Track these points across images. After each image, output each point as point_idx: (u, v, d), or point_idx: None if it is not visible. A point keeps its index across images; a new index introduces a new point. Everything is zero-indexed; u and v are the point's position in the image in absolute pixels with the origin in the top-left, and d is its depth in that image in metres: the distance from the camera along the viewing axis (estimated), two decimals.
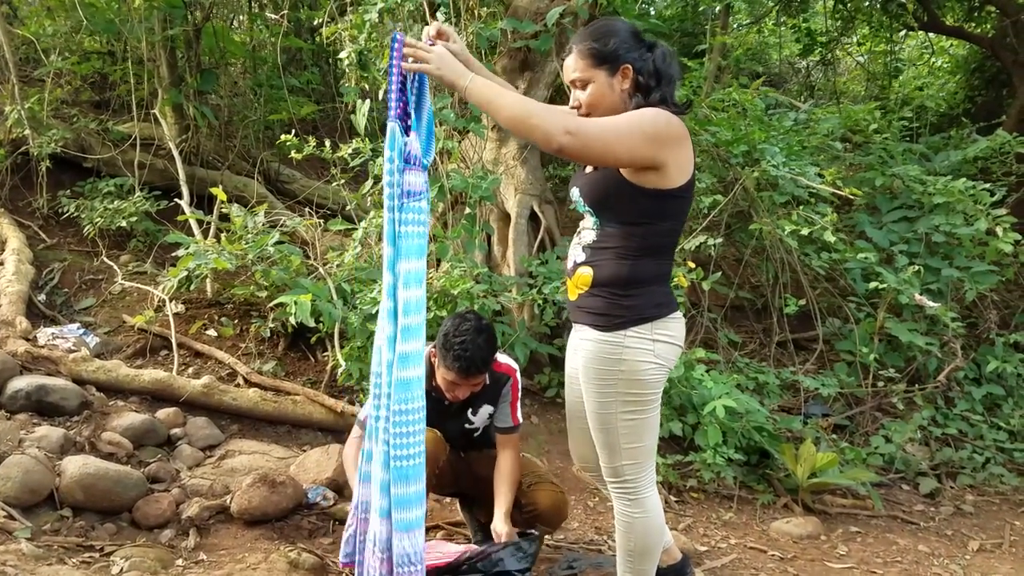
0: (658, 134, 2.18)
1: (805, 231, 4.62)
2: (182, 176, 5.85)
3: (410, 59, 2.20)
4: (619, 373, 2.35)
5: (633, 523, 2.51)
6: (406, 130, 2.27)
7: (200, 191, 6.06)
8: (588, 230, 2.43)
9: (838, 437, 4.67)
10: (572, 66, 2.34)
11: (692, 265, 4.41)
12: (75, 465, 3.33)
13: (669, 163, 2.22)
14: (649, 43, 2.35)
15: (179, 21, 6.12)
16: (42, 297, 5.05)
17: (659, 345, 2.35)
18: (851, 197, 4.81)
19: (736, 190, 4.99)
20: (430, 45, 2.23)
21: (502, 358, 2.99)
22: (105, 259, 5.57)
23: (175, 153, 5.97)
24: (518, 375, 3.02)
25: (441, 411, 2.94)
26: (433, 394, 2.84)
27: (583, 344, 2.43)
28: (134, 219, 5.59)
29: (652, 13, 9.25)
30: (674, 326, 2.41)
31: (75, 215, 5.70)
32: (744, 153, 5.08)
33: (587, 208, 2.41)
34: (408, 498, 2.32)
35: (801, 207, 4.89)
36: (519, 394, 3.03)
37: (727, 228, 5.50)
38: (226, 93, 6.93)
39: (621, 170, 2.26)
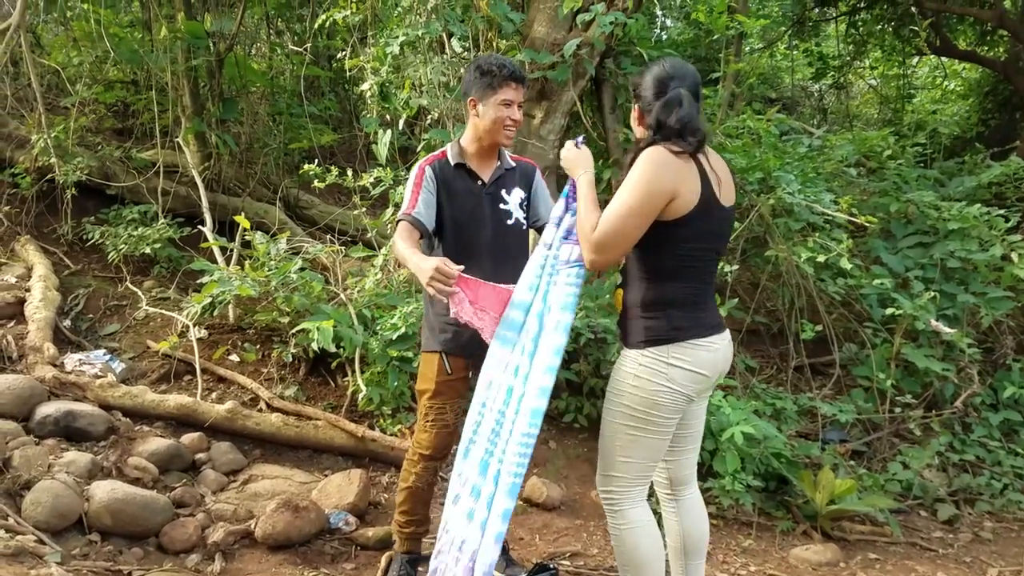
0: (653, 184, 2.32)
1: (821, 258, 4.65)
2: (205, 203, 5.95)
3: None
4: (631, 388, 2.46)
5: (620, 535, 2.58)
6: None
7: (222, 218, 6.16)
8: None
9: (856, 463, 4.67)
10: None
11: None
12: (103, 490, 3.39)
13: (676, 194, 2.34)
14: (665, 89, 2.47)
15: (202, 51, 6.24)
16: (67, 323, 5.14)
17: (674, 370, 2.42)
18: (867, 224, 4.84)
19: (752, 217, 5.03)
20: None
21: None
22: (129, 285, 5.66)
23: (198, 180, 6.07)
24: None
25: (477, 190, 3.02)
26: (467, 168, 3.01)
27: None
28: (158, 246, 5.69)
29: (664, 38, 9.34)
30: (696, 353, 2.45)
31: (99, 242, 5.80)
32: (759, 180, 5.12)
33: None
34: (507, 512, 2.48)
35: (817, 233, 4.92)
36: None
37: (743, 254, 5.53)
38: (247, 121, 7.05)
39: None
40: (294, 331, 4.47)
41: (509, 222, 3.06)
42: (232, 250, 5.48)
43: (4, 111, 6.40)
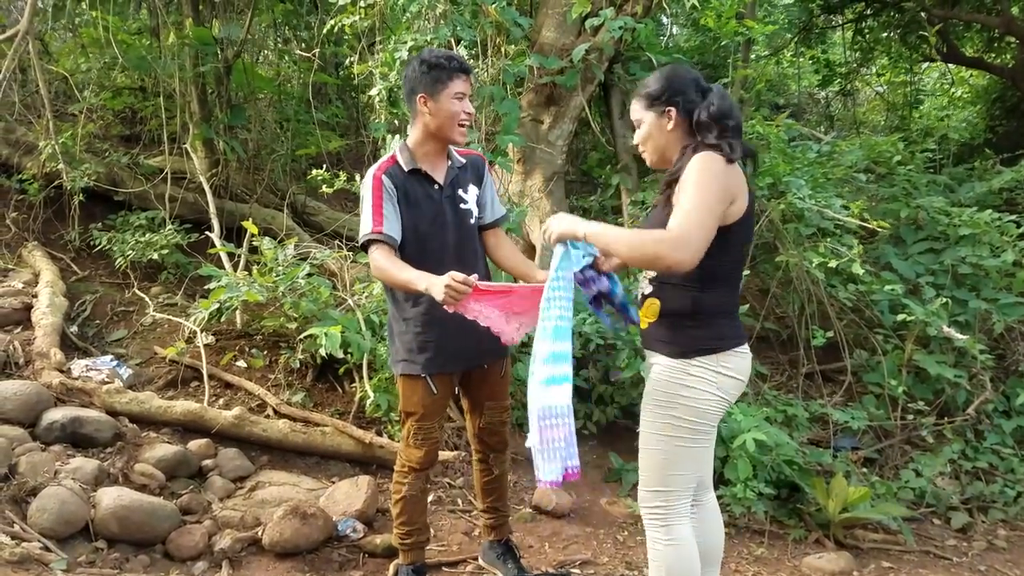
0: (719, 179, 2.27)
1: (832, 263, 4.62)
2: (212, 209, 5.94)
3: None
4: (680, 399, 2.41)
5: (663, 551, 2.52)
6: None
7: (229, 224, 6.14)
8: None
9: (868, 470, 4.63)
10: (632, 107, 2.55)
11: None
12: (110, 497, 3.37)
13: (735, 198, 2.32)
14: (704, 87, 2.44)
15: (210, 58, 6.24)
16: (74, 329, 5.12)
17: (723, 378, 2.42)
18: (877, 229, 4.81)
19: (762, 222, 5.00)
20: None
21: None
22: (136, 291, 5.64)
23: (205, 187, 6.06)
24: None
25: (435, 194, 2.91)
26: (421, 174, 2.88)
27: (652, 368, 2.52)
28: (165, 252, 5.68)
29: (671, 45, 9.32)
30: (738, 361, 2.47)
31: (107, 248, 5.79)
32: (769, 185, 5.09)
33: None
34: (562, 354, 2.44)
35: (827, 239, 4.89)
36: None
37: (752, 260, 5.49)
38: (254, 127, 7.04)
39: None
40: (301, 337, 4.45)
41: (471, 221, 3.00)
42: (240, 256, 5.46)
43: (12, 118, 6.40)
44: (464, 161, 3.02)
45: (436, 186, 2.91)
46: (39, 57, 5.82)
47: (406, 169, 2.86)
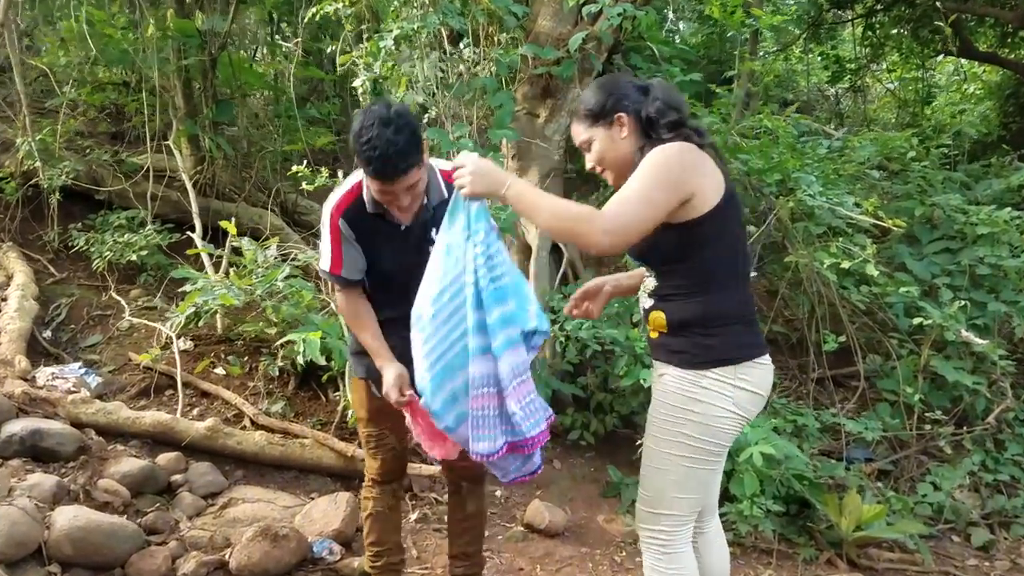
0: (672, 172, 2.10)
1: (845, 264, 4.38)
2: (195, 208, 5.70)
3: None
4: (691, 415, 2.19)
5: None
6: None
7: (215, 223, 5.89)
8: (648, 278, 2.33)
9: (882, 484, 4.38)
10: (574, 132, 2.35)
11: None
12: (65, 517, 3.13)
13: (696, 191, 2.11)
14: (643, 85, 2.28)
15: (194, 51, 6.00)
16: (48, 334, 4.90)
17: (740, 393, 2.20)
18: (891, 227, 4.57)
19: (770, 221, 4.75)
20: None
21: (450, 166, 2.39)
22: (113, 294, 5.40)
23: (188, 185, 5.82)
24: None
25: (399, 239, 2.55)
26: (385, 218, 2.52)
27: (659, 379, 2.29)
28: (144, 253, 5.44)
29: (678, 40, 9.11)
30: (758, 373, 2.24)
31: (84, 249, 5.56)
32: (777, 182, 4.85)
33: (635, 261, 2.37)
34: (511, 315, 2.22)
35: (839, 238, 4.65)
36: None
37: (760, 260, 5.26)
38: (243, 124, 6.80)
39: None
40: (278, 343, 4.20)
41: None
42: (222, 257, 5.22)
43: None
44: (446, 195, 2.51)
45: (402, 227, 2.55)
46: (14, 50, 5.58)
47: (368, 211, 2.51)
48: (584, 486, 4.26)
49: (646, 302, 2.33)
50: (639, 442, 2.35)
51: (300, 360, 3.91)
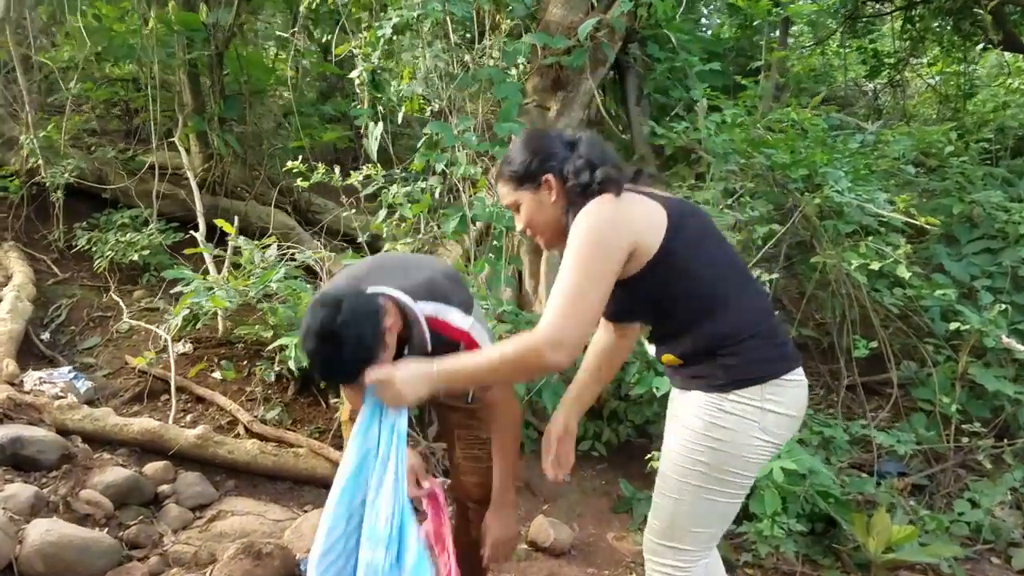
0: (604, 235, 1.92)
1: (875, 265, 4.10)
2: (199, 207, 5.55)
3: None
4: (712, 442, 1.98)
5: None
6: None
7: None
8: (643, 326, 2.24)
9: (916, 500, 4.10)
10: (500, 193, 2.19)
11: None
12: (37, 531, 2.98)
13: (636, 240, 1.95)
14: (571, 140, 2.11)
15: (200, 45, 5.85)
16: (46, 336, 4.77)
17: (768, 416, 1.98)
18: (927, 227, 4.29)
19: (796, 218, 4.48)
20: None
21: (454, 318, 2.20)
22: (113, 295, 5.26)
23: (193, 183, 5.67)
24: (474, 334, 2.25)
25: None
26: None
27: (680, 399, 2.12)
28: (147, 252, 5.30)
29: (708, 33, 8.86)
30: (790, 392, 2.02)
31: (87, 248, 5.43)
32: (804, 177, 4.58)
33: (618, 323, 2.30)
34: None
35: (870, 237, 4.37)
36: None
37: (787, 260, 4.98)
38: (252, 120, 6.65)
39: None
40: (272, 346, 4.02)
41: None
42: (225, 257, 5.05)
43: None
44: (430, 349, 2.17)
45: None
46: (16, 45, 5.47)
47: None
48: (594, 500, 4.02)
49: (652, 349, 2.18)
50: (649, 454, 2.13)
51: (292, 365, 3.72)
